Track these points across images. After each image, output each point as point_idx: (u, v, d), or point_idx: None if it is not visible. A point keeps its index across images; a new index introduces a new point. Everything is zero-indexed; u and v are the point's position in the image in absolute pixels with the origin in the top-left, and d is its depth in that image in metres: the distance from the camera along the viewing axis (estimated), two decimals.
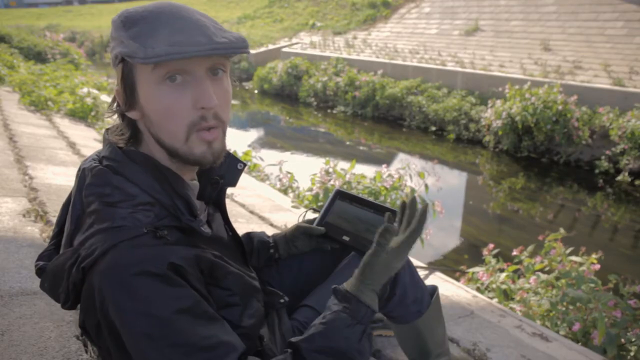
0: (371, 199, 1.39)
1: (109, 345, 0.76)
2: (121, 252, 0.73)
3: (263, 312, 0.96)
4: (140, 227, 0.76)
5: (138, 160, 0.82)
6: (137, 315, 0.71)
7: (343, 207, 1.26)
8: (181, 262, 0.76)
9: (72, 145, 3.83)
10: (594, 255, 2.81)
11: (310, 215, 1.37)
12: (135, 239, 0.75)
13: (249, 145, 7.36)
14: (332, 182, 3.50)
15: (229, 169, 0.95)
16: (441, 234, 4.85)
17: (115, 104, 0.85)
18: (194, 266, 0.78)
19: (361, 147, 8.17)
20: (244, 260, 1.04)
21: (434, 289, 1.37)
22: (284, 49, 13.56)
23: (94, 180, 0.80)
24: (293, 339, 0.86)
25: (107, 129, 0.91)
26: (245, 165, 0.98)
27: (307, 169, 4.61)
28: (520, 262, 3.13)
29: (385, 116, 9.67)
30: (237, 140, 7.73)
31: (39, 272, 0.85)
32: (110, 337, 0.74)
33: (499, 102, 7.36)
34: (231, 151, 0.97)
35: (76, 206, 0.82)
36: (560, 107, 6.77)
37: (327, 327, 0.85)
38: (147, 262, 0.73)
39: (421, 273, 2.76)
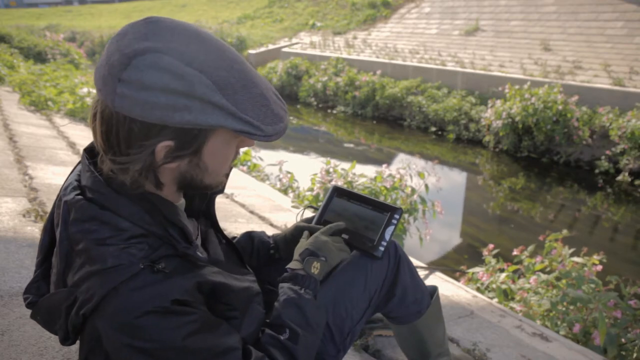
0: (368, 195, 1.39)
1: None
2: (122, 296, 0.71)
3: (263, 314, 0.96)
4: (136, 263, 0.73)
5: (123, 191, 0.77)
6: (150, 352, 0.72)
7: (341, 204, 1.25)
8: (185, 295, 0.75)
9: (72, 145, 3.83)
10: (595, 256, 2.81)
11: (309, 213, 1.37)
12: (133, 278, 0.72)
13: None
14: (332, 182, 3.50)
15: None
16: (441, 234, 4.85)
17: (138, 163, 0.74)
18: (195, 294, 0.78)
19: (361, 147, 8.17)
20: (241, 264, 1.04)
21: (434, 290, 1.37)
22: (284, 49, 13.56)
23: (78, 215, 0.75)
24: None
25: (87, 149, 0.84)
26: (230, 168, 0.98)
27: (307, 169, 4.61)
28: (520, 262, 3.13)
29: (385, 116, 9.67)
30: None
31: (30, 305, 0.83)
32: None
33: (499, 102, 7.36)
34: None
35: (63, 242, 0.77)
36: (560, 107, 6.77)
37: (285, 297, 0.97)
38: (149, 303, 0.71)
39: (421, 273, 2.76)
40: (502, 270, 3.13)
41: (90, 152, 0.83)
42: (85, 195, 0.77)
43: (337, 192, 1.27)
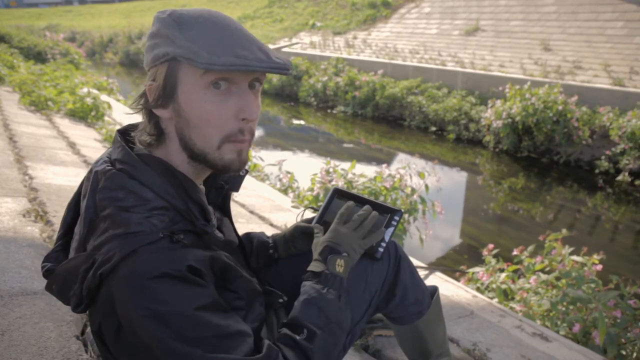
0: (369, 197, 1.39)
1: (129, 348, 0.76)
2: (140, 258, 0.74)
3: (264, 315, 0.97)
4: (156, 232, 0.76)
5: (152, 164, 0.82)
6: (160, 316, 0.72)
7: (341, 205, 1.25)
8: (198, 265, 0.77)
9: (72, 145, 3.83)
10: (595, 256, 2.81)
11: (309, 214, 1.37)
12: (152, 244, 0.75)
13: None
14: (332, 182, 3.50)
15: (232, 175, 0.97)
16: (441, 234, 4.85)
17: (142, 100, 0.84)
18: (208, 268, 0.79)
19: (361, 147, 8.18)
20: (246, 263, 1.04)
21: (434, 290, 1.37)
22: (284, 49, 13.57)
23: (107, 183, 0.80)
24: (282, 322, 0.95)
25: (120, 130, 0.90)
26: (247, 171, 1.00)
27: (307, 169, 4.62)
28: (520, 262, 3.13)
29: (385, 116, 9.67)
30: None
31: (47, 274, 0.85)
32: (133, 341, 0.74)
33: (499, 102, 7.37)
34: None
35: (89, 209, 0.81)
36: (560, 107, 6.77)
37: (305, 296, 0.95)
38: (165, 266, 0.74)
39: (421, 273, 2.76)
40: (502, 270, 3.13)
41: (122, 133, 0.89)
42: (115, 166, 0.82)
43: (338, 193, 1.27)
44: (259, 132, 9.54)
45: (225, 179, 0.99)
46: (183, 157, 0.85)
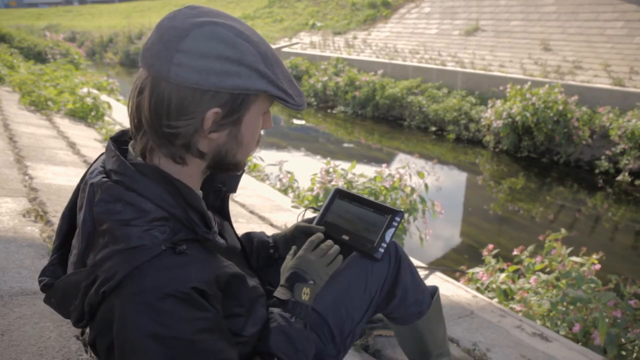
0: (371, 198, 1.39)
1: None
2: (144, 276, 0.72)
3: (267, 317, 0.96)
4: (158, 244, 0.75)
5: (148, 173, 0.79)
6: (160, 339, 0.71)
7: (343, 206, 1.26)
8: (203, 286, 0.76)
9: (72, 145, 3.83)
10: (594, 256, 2.81)
11: (310, 214, 1.37)
12: (155, 259, 0.74)
13: None
14: (332, 182, 3.50)
15: (229, 175, 0.96)
16: (441, 234, 4.85)
17: (186, 126, 0.78)
18: (213, 287, 0.78)
19: (361, 147, 8.17)
20: (247, 264, 1.04)
21: (434, 290, 1.37)
22: (284, 49, 13.56)
23: (104, 196, 0.77)
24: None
25: (113, 137, 0.88)
26: (243, 170, 0.98)
27: (307, 169, 4.62)
28: (520, 262, 3.13)
29: (385, 116, 9.67)
30: None
31: (45, 287, 0.84)
32: (126, 358, 0.73)
33: (499, 102, 7.37)
34: None
35: (87, 223, 0.79)
36: (560, 107, 6.77)
37: (275, 324, 0.95)
38: (170, 286, 0.72)
39: (421, 273, 2.76)
40: (502, 270, 3.13)
41: (115, 141, 0.87)
42: (111, 177, 0.80)
43: (339, 194, 1.28)
44: None
45: (222, 180, 0.97)
46: (198, 167, 0.84)
